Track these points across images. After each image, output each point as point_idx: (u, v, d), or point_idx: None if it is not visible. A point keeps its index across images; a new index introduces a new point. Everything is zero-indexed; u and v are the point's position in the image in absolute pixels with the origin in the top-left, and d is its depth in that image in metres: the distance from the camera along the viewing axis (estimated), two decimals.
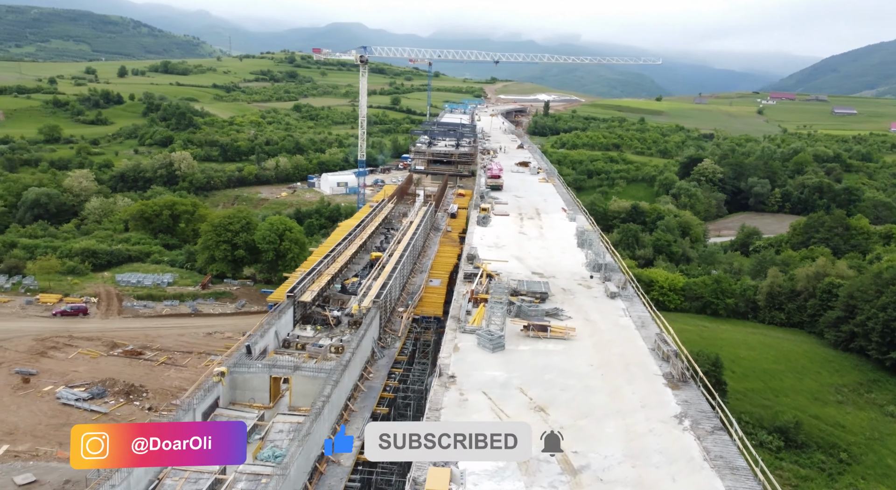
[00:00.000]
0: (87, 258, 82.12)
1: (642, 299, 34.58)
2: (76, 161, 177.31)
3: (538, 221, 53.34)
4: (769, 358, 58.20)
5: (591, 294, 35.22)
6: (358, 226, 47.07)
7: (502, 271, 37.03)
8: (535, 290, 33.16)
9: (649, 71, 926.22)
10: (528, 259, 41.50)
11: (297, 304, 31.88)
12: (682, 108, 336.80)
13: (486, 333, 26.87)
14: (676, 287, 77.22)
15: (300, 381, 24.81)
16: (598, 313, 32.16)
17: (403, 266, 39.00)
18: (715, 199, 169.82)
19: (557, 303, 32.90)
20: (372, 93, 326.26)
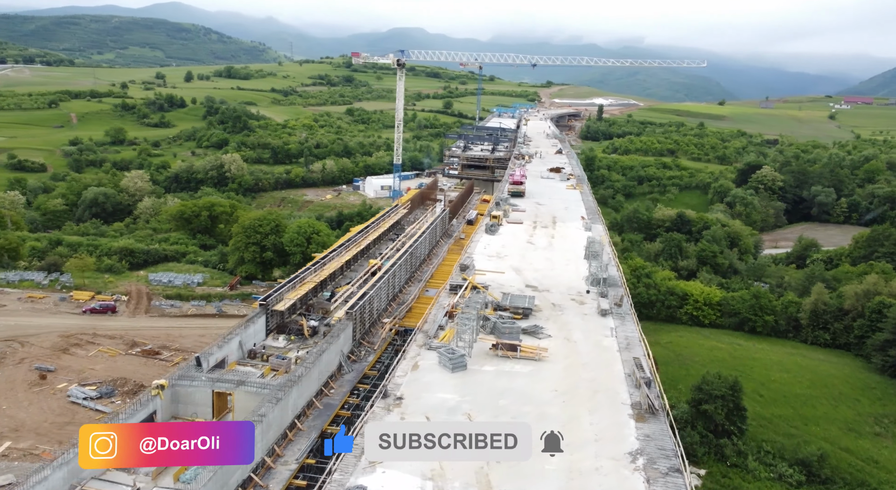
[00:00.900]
0: (125, 257, 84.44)
1: (634, 318, 32.24)
2: (136, 162, 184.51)
3: (551, 230, 51.23)
4: (804, 382, 54.08)
5: (581, 310, 33.13)
6: (361, 231, 46.14)
7: (494, 283, 35.39)
8: (519, 306, 31.39)
9: (716, 74, 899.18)
10: (527, 271, 39.63)
11: (271, 313, 31.11)
12: (747, 112, 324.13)
13: (446, 352, 25.36)
14: (712, 302, 73.22)
15: (243, 397, 23.95)
16: (581, 332, 30.13)
17: (395, 275, 37.75)
18: (773, 209, 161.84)
19: (541, 319, 31.04)
20: (425, 97, 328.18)
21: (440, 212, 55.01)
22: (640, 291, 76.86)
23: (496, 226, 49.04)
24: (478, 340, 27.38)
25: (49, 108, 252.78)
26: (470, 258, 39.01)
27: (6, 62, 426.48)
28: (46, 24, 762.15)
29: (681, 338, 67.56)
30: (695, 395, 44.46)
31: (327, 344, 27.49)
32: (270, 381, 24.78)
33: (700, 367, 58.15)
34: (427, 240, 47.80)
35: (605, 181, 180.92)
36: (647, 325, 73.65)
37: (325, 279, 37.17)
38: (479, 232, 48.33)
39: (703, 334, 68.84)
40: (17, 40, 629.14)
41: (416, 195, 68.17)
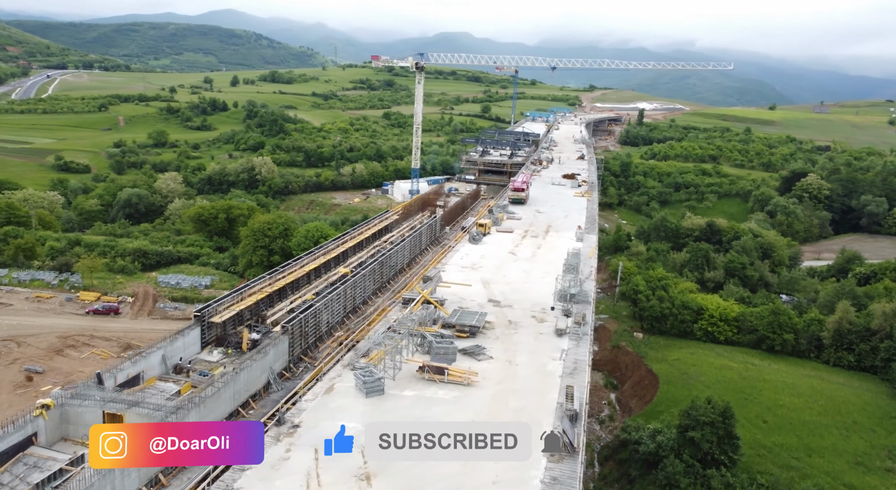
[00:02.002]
0: (138, 258, 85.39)
1: (590, 339, 29.80)
2: (174, 164, 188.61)
3: (540, 241, 48.90)
4: (815, 408, 50.04)
5: (538, 329, 30.88)
6: (337, 237, 44.72)
7: (454, 298, 33.43)
8: (466, 323, 29.37)
9: (771, 78, 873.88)
10: (498, 284, 37.51)
11: (209, 324, 29.89)
12: (798, 117, 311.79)
13: (363, 374, 23.56)
14: (728, 317, 69.17)
15: (135, 419, 22.62)
16: (528, 354, 27.91)
17: (355, 285, 36.14)
18: (818, 219, 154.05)
19: (489, 339, 28.95)
20: (464, 101, 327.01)
21: (429, 219, 53.20)
22: (652, 304, 73.47)
23: (480, 235, 46.98)
24: (407, 361, 25.49)
25: (99, 112, 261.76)
26: (437, 269, 37.13)
27: (67, 67, 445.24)
28: (108, 32, 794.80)
29: (691, 355, 63.93)
30: (682, 421, 41.43)
31: (251, 360, 26.03)
32: (166, 403, 23.41)
33: (704, 387, 54.69)
34: (408, 247, 46.06)
35: (639, 187, 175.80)
36: (657, 341, 70.23)
37: (286, 288, 35.87)
38: (463, 241, 46.37)
39: (716, 352, 65.00)
40: (80, 47, 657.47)
41: (417, 200, 66.56)
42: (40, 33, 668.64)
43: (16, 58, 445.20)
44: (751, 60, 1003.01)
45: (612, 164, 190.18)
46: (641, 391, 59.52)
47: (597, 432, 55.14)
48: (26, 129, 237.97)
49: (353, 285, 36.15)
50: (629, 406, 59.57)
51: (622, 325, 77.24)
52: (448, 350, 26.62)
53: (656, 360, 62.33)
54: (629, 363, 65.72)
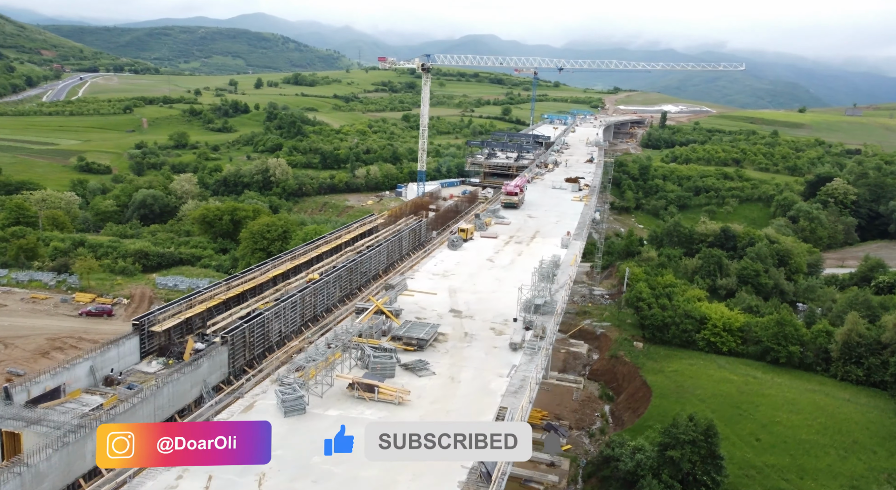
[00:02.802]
0: (140, 259, 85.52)
1: (544, 354, 28.09)
2: (192, 165, 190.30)
3: (524, 247, 47.17)
4: (814, 426, 47.37)
5: (493, 343, 29.25)
6: (310, 242, 43.59)
7: (415, 307, 32.01)
8: (414, 336, 27.85)
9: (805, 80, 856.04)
10: (465, 293, 35.97)
11: (149, 334, 28.89)
12: (829, 120, 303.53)
13: (282, 392, 22.22)
14: (732, 327, 66.49)
15: (34, 439, 21.53)
16: (474, 370, 26.31)
17: (317, 292, 34.91)
18: (843, 224, 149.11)
19: (438, 352, 27.44)
20: (485, 103, 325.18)
21: (414, 222, 51.84)
22: (653, 313, 71.12)
23: (460, 240, 45.46)
24: (337, 377, 24.05)
25: (124, 114, 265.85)
26: (402, 277, 35.73)
27: (98, 70, 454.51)
28: (141, 36, 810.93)
29: (691, 366, 61.51)
30: (662, 439, 39.35)
31: (179, 373, 24.91)
32: (69, 421, 22.31)
33: (698, 402, 52.39)
34: (384, 252, 44.69)
35: (658, 191, 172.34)
36: (658, 351, 67.84)
37: (246, 295, 34.80)
38: (442, 247, 44.92)
39: (718, 364, 62.46)
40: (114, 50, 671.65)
41: (409, 203, 65.27)
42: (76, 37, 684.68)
43: (49, 61, 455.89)
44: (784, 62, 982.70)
45: (631, 167, 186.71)
46: (635, 404, 57.38)
47: (585, 446, 53.22)
48: (53, 130, 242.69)
49: (314, 292, 34.89)
50: (622, 419, 57.49)
51: (624, 334, 74.97)
52: (385, 365, 25.13)
53: (653, 372, 60.09)
54: (626, 374, 63.59)
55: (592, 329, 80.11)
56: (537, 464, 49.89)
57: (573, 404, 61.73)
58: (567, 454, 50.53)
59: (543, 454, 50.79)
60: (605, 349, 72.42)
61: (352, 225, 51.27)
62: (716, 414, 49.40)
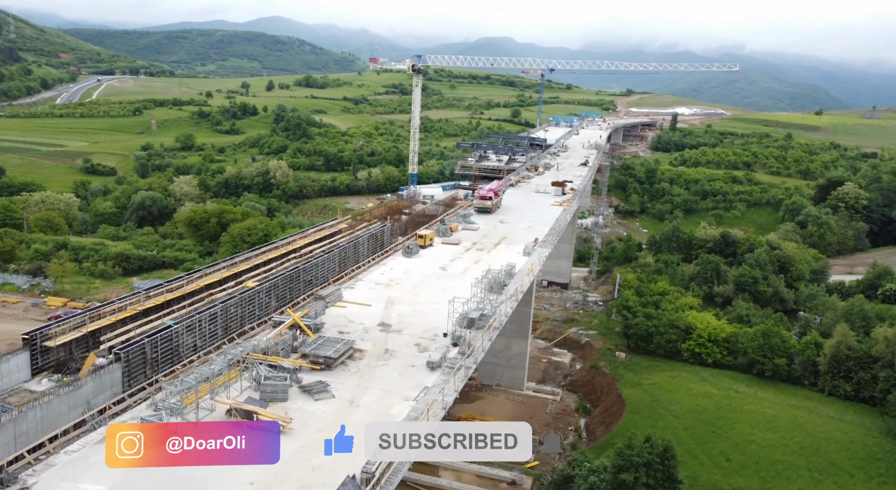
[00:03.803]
0: (121, 263, 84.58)
1: (462, 374, 25.95)
2: (196, 167, 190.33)
3: (485, 255, 45.07)
4: (791, 445, 44.63)
5: (411, 361, 27.21)
6: (259, 247, 41.84)
7: (342, 320, 30.07)
8: (321, 354, 25.87)
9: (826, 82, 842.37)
10: (403, 304, 33.96)
11: (42, 349, 27.17)
12: (847, 123, 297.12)
13: (143, 419, 20.30)
14: (718, 338, 63.74)
15: None
16: (380, 393, 24.29)
17: (242, 302, 33.08)
18: (853, 230, 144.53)
19: (347, 372, 25.48)
20: (495, 105, 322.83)
21: (377, 227, 49.94)
22: (637, 322, 68.60)
23: (416, 247, 43.48)
24: (215, 403, 22.06)
25: (133, 116, 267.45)
26: (337, 286, 33.82)
27: (114, 73, 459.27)
28: (159, 39, 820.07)
29: (672, 379, 58.91)
30: (616, 461, 37.01)
31: (52, 395, 23.12)
32: None
33: (672, 418, 49.88)
34: (336, 258, 42.78)
35: (664, 195, 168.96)
36: (641, 361, 65.27)
37: (172, 303, 33.10)
38: (395, 253, 42.99)
39: (701, 376, 59.79)
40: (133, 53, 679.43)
41: (384, 207, 63.45)
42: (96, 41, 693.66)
43: (67, 64, 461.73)
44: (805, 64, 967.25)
45: (638, 171, 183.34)
46: (609, 418, 54.98)
47: (552, 463, 50.94)
48: (63, 132, 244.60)
49: (242, 303, 33.07)
50: (595, 434, 55.11)
51: (609, 343, 72.57)
52: (277, 387, 23.13)
53: (630, 384, 57.65)
54: (604, 386, 61.21)
55: (578, 337, 77.70)
56: (497, 482, 47.68)
57: (547, 417, 59.45)
58: (530, 472, 48.32)
59: (505, 472, 48.54)
60: (589, 359, 70.09)
61: (308, 230, 49.49)
62: (688, 431, 47.02)
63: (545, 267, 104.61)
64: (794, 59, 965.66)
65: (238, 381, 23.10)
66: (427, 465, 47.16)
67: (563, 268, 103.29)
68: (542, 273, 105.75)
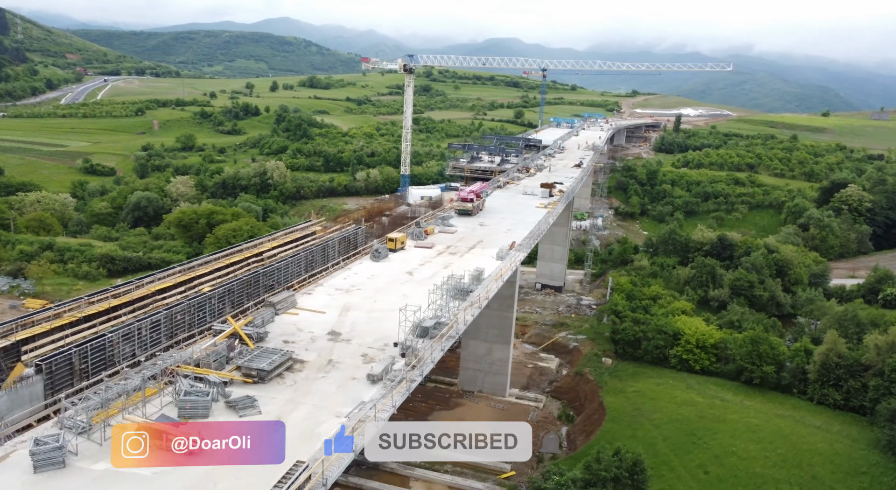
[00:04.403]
0: (106, 264, 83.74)
1: (404, 387, 24.56)
2: (196, 168, 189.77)
3: (457, 258, 43.69)
4: (772, 458, 42.96)
5: (353, 374, 25.85)
6: (219, 251, 40.63)
7: (289, 329, 28.77)
8: (254, 366, 24.53)
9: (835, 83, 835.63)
10: (359, 311, 32.64)
11: None
12: (854, 124, 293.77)
13: (37, 440, 18.92)
14: (707, 344, 62.05)
15: None
16: (312, 408, 22.97)
17: (193, 309, 31.83)
18: (856, 233, 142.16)
19: (284, 385, 24.23)
20: (499, 106, 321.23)
21: (351, 229, 48.64)
22: (625, 327, 67.02)
23: (386, 251, 42.15)
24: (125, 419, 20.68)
25: (136, 116, 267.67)
26: (290, 292, 32.53)
27: (120, 74, 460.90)
28: (167, 40, 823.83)
29: (657, 386, 57.31)
30: (583, 475, 35.54)
31: None
32: None
33: (652, 427, 48.31)
34: (303, 261, 41.47)
35: (665, 197, 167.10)
36: (627, 368, 63.66)
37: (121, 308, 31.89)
38: (364, 257, 41.68)
39: (687, 384, 58.13)
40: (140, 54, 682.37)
41: (364, 209, 62.16)
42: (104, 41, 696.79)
43: (73, 65, 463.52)
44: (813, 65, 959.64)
45: (639, 172, 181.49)
46: (590, 427, 53.46)
47: (528, 474, 49.45)
48: (65, 132, 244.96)
49: (190, 310, 31.79)
50: (576, 443, 53.56)
51: (597, 348, 71.00)
52: (197, 404, 21.76)
53: (613, 392, 56.10)
54: (588, 393, 59.69)
55: (566, 342, 76.17)
56: None
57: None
58: (505, 483, 46.91)
59: (478, 483, 47.19)
60: (577, 364, 68.58)
61: (276, 233, 48.24)
62: (667, 441, 45.48)
63: (539, 270, 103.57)
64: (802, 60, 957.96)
65: (160, 396, 21.79)
66: (397, 476, 45.86)
67: (557, 271, 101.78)
68: (536, 276, 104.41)
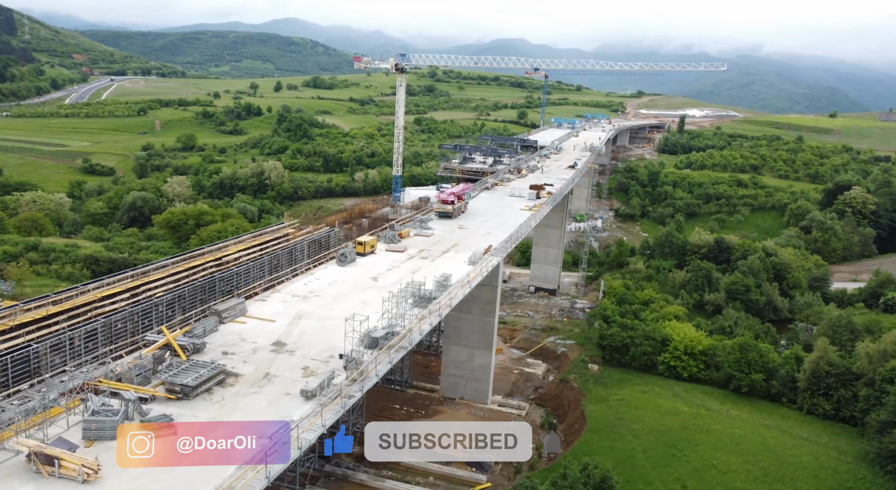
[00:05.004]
0: (90, 265, 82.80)
1: (340, 406, 23.08)
2: (195, 168, 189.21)
3: (429, 263, 42.26)
4: (754, 472, 41.25)
5: (287, 389, 24.40)
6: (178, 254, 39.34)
7: (232, 339, 27.40)
8: (177, 382, 23.11)
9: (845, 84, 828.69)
10: (310, 319, 31.24)
11: None
12: (861, 125, 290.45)
13: None
14: (695, 351, 60.31)
15: None
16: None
17: (136, 317, 30.50)
18: (860, 235, 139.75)
19: (211, 402, 22.82)
20: (502, 106, 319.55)
21: (324, 232, 47.29)
22: (612, 332, 65.37)
23: (352, 255, 40.73)
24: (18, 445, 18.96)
25: (138, 116, 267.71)
26: (239, 299, 31.16)
27: (126, 74, 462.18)
28: (174, 40, 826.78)
29: (642, 394, 55.65)
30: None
31: None
32: None
33: (632, 438, 46.69)
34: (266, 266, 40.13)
35: (666, 198, 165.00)
36: (613, 374, 61.98)
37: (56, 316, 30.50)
38: (331, 261, 40.30)
39: (674, 391, 56.43)
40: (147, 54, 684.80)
41: (346, 211, 60.84)
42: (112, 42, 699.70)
43: (80, 65, 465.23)
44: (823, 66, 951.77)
45: (641, 173, 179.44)
46: (570, 436, 51.90)
47: (504, 486, 48.05)
48: (67, 132, 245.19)
49: (131, 317, 30.38)
50: (556, 453, 51.94)
51: (585, 354, 69.38)
52: (104, 424, 20.22)
53: (596, 400, 54.49)
54: (571, 400, 58.10)
55: (555, 347, 74.59)
56: None
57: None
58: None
59: None
60: (564, 370, 67.02)
61: (243, 236, 46.89)
62: (646, 453, 43.87)
63: (532, 272, 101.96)
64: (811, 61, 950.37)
65: (68, 415, 20.39)
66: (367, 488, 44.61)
67: (551, 273, 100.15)
68: (530, 279, 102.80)
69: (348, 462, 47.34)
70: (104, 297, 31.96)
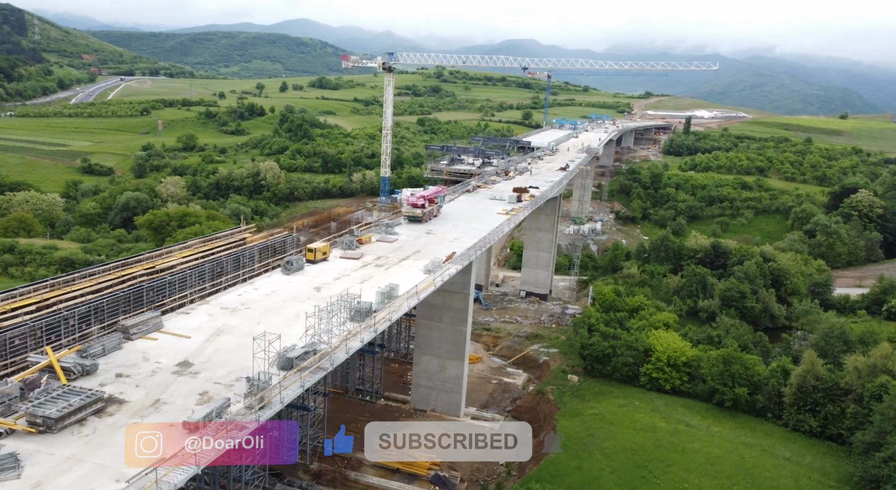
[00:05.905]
0: (66, 267, 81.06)
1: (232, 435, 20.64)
2: (194, 168, 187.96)
3: (382, 271, 39.86)
4: None
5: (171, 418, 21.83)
6: (108, 262, 37.16)
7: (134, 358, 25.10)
8: (39, 413, 20.60)
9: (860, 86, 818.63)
10: (229, 336, 28.95)
11: None
12: (872, 127, 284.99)
13: None
14: (679, 362, 57.47)
15: None
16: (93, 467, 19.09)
17: (45, 330, 28.26)
18: (865, 240, 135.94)
19: (78, 435, 20.80)
20: (508, 107, 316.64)
21: (280, 237, 45.00)
22: (593, 342, 62.65)
23: (300, 262, 38.40)
24: None
25: (141, 116, 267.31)
26: (153, 313, 28.85)
27: (134, 74, 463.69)
28: (185, 41, 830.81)
29: (620, 408, 52.94)
30: None
31: None
32: None
33: (602, 457, 44.03)
34: (207, 273, 37.89)
35: (668, 201, 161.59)
36: (593, 386, 59.26)
37: None
38: (274, 270, 38.02)
39: (654, 405, 53.69)
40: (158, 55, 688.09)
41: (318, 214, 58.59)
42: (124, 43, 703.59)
43: (88, 65, 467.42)
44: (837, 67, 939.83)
45: (643, 175, 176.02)
46: (540, 453, 49.08)
47: None
48: (69, 132, 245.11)
49: (32, 332, 28.05)
50: (525, 469, 49.34)
51: (567, 363, 66.66)
52: None
53: (570, 414, 51.84)
54: (547, 414, 55.43)
55: (537, 356, 71.89)
56: None
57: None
58: None
59: None
60: (542, 380, 64.35)
61: (191, 241, 44.68)
62: (614, 475, 41.21)
63: (523, 276, 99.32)
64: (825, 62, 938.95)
65: None
66: None
67: (542, 278, 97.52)
68: (521, 283, 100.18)
69: (303, 479, 45.08)
70: (10, 309, 29.61)
